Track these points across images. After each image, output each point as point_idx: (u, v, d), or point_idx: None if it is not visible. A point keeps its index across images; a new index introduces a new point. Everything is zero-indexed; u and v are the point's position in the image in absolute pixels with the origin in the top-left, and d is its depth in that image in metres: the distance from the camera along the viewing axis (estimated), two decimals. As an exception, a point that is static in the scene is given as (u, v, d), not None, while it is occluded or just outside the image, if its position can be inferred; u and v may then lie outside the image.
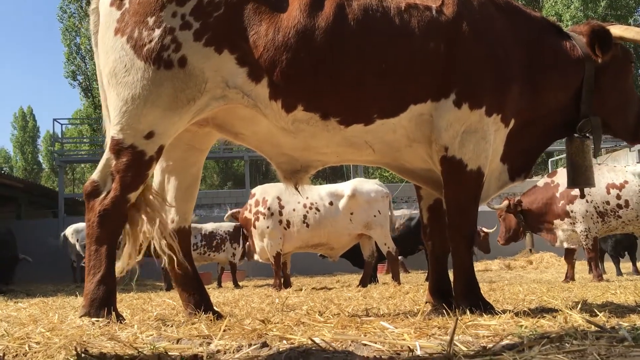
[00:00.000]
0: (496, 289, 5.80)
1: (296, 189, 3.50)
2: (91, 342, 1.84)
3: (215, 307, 3.50)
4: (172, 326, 2.71)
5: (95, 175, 3.10)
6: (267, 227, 8.52)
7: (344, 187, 8.85)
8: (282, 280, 8.70)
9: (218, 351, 1.62)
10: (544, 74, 3.44)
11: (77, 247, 14.88)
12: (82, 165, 36.83)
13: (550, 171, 10.74)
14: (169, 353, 1.55)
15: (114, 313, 2.89)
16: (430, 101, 3.22)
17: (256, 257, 9.06)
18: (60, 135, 23.30)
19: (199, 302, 3.36)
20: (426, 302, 3.68)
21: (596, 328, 2.01)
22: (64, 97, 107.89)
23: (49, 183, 45.01)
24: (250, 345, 1.64)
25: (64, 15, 34.23)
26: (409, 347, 1.57)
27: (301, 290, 7.59)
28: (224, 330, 2.22)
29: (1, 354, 1.65)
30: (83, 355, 1.46)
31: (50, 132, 52.06)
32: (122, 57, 3.01)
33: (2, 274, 10.29)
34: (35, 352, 1.76)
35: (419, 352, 1.52)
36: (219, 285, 11.98)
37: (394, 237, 9.10)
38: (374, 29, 3.13)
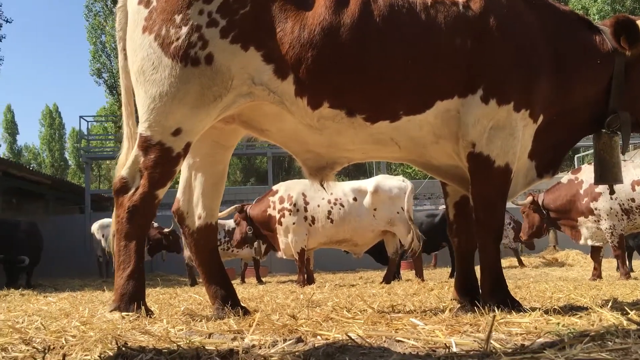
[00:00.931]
0: (522, 287, 5.74)
1: (322, 185, 3.51)
2: (126, 336, 1.87)
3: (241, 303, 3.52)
4: (200, 321, 2.74)
5: (124, 171, 3.15)
6: (293, 224, 8.56)
7: (367, 184, 8.84)
8: (306, 276, 8.72)
9: (253, 346, 1.63)
10: (573, 69, 3.38)
11: (103, 242, 15.10)
12: (108, 161, 37.31)
13: (576, 167, 10.60)
14: (206, 347, 1.57)
15: (143, 308, 2.94)
16: (457, 97, 3.19)
17: (280, 253, 9.09)
18: (86, 132, 23.63)
19: (226, 298, 3.39)
20: (452, 299, 3.66)
21: (637, 326, 1.97)
22: (89, 94, 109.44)
23: (75, 179, 45.73)
24: (285, 340, 1.65)
25: (90, 13, 34.67)
26: (445, 344, 1.57)
27: (325, 286, 7.60)
28: (254, 326, 2.23)
29: (40, 347, 1.69)
30: (123, 349, 1.48)
31: (76, 129, 52.95)
32: (150, 55, 3.05)
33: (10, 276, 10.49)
34: (72, 346, 1.80)
35: (455, 349, 1.51)
36: (243, 281, 12.08)
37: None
38: (400, 25, 3.11)
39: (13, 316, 3.15)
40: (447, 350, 1.51)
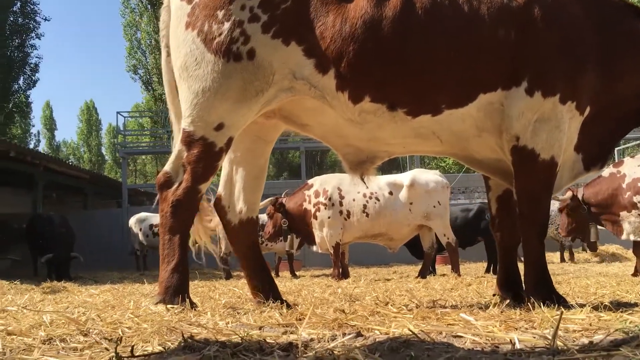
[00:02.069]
0: (562, 282, 5.64)
1: (362, 179, 3.50)
2: (181, 328, 1.90)
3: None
4: (245, 314, 2.76)
5: (167, 166, 3.19)
6: (328, 218, 8.56)
7: (403, 177, 8.78)
8: (341, 270, 8.72)
9: (312, 340, 1.64)
10: (621, 59, 3.29)
11: (140, 236, 15.37)
12: (143, 156, 37.94)
13: (617, 160, 10.31)
14: (267, 340, 1.58)
15: (187, 300, 2.98)
16: (500, 89, 3.14)
17: (315, 247, 9.11)
18: (122, 128, 24.06)
19: (268, 291, 3.42)
20: (494, 295, 3.62)
21: None
22: (125, 91, 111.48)
23: (112, 174, 46.66)
24: (344, 334, 1.65)
25: (126, 10, 35.29)
26: (507, 340, 1.55)
27: (360, 280, 7.59)
28: (300, 320, 2.24)
29: (98, 338, 1.73)
30: (190, 341, 1.51)
31: (113, 124, 54.03)
32: (193, 51, 3.08)
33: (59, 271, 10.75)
34: (128, 337, 1.84)
35: (518, 346, 1.49)
36: (277, 275, 12.14)
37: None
38: (442, 17, 3.08)
39: (62, 307, 3.23)
40: (512, 346, 1.49)
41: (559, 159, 3.18)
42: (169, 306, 2.87)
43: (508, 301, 3.15)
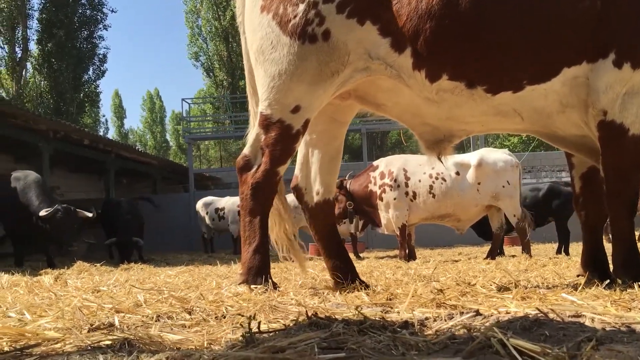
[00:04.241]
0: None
1: (439, 159, 3.45)
2: (279, 307, 1.95)
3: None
4: (327, 294, 2.79)
5: (246, 149, 3.25)
6: (394, 199, 8.52)
7: (471, 157, 8.60)
8: (407, 251, 8.68)
9: (426, 318, 1.64)
10: None
11: (207, 219, 15.78)
12: (207, 142, 38.80)
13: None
14: (386, 318, 1.59)
15: (270, 281, 3.04)
16: (585, 62, 3.00)
17: (381, 229, 9.10)
18: (185, 115, 24.65)
19: (346, 271, 3.44)
20: (578, 275, 3.50)
21: None
22: (187, 78, 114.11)
23: (176, 159, 47.99)
24: (461, 313, 1.64)
25: (188, -3, 35.97)
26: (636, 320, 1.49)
27: (429, 261, 7.53)
28: (390, 299, 2.25)
29: (202, 317, 1.79)
30: (314, 318, 1.54)
31: (176, 111, 55.47)
32: (269, 34, 3.10)
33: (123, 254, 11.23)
34: (232, 315, 1.90)
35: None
36: (342, 257, 12.19)
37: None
38: None
39: (148, 288, 3.36)
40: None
41: (651, 134, 3.02)
42: (252, 286, 2.93)
43: (595, 281, 3.04)
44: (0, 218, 9.77)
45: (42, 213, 8.92)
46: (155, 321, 1.84)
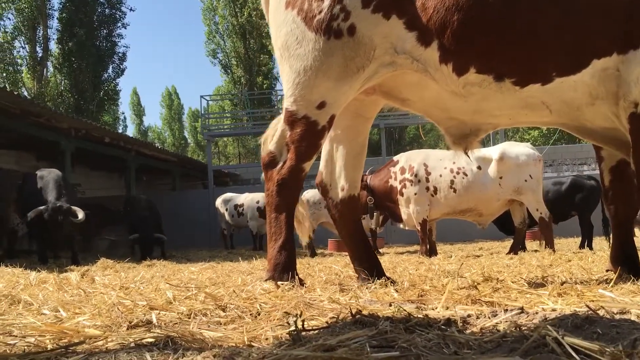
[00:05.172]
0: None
1: (466, 153, 3.42)
2: (315, 304, 1.94)
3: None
4: (353, 290, 2.77)
5: (271, 146, 3.25)
6: (414, 194, 8.47)
7: (492, 151, 8.51)
8: (429, 247, 8.63)
9: (469, 315, 1.62)
10: None
11: (226, 216, 15.85)
12: (225, 139, 38.96)
13: None
14: (429, 316, 1.58)
15: (296, 277, 3.04)
16: (616, 54, 2.94)
17: (402, 224, 9.05)
18: (203, 112, 24.76)
19: (371, 268, 3.43)
20: (607, 270, 3.45)
21: None
22: (205, 75, 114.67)
23: (194, 156, 48.27)
24: (505, 310, 1.62)
25: (205, -6, 36.10)
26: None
27: (451, 257, 7.48)
28: (422, 296, 2.23)
29: (236, 314, 1.79)
30: (358, 316, 1.54)
31: (193, 109, 55.76)
32: (294, 30, 3.09)
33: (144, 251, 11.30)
34: (266, 312, 1.90)
35: None
36: (362, 252, 12.16)
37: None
38: None
39: (174, 285, 3.37)
40: None
41: (684, 126, 2.96)
42: (278, 282, 2.93)
43: (627, 276, 2.99)
44: (24, 215, 9.88)
45: (30, 214, 9.01)
46: (191, 318, 1.85)
